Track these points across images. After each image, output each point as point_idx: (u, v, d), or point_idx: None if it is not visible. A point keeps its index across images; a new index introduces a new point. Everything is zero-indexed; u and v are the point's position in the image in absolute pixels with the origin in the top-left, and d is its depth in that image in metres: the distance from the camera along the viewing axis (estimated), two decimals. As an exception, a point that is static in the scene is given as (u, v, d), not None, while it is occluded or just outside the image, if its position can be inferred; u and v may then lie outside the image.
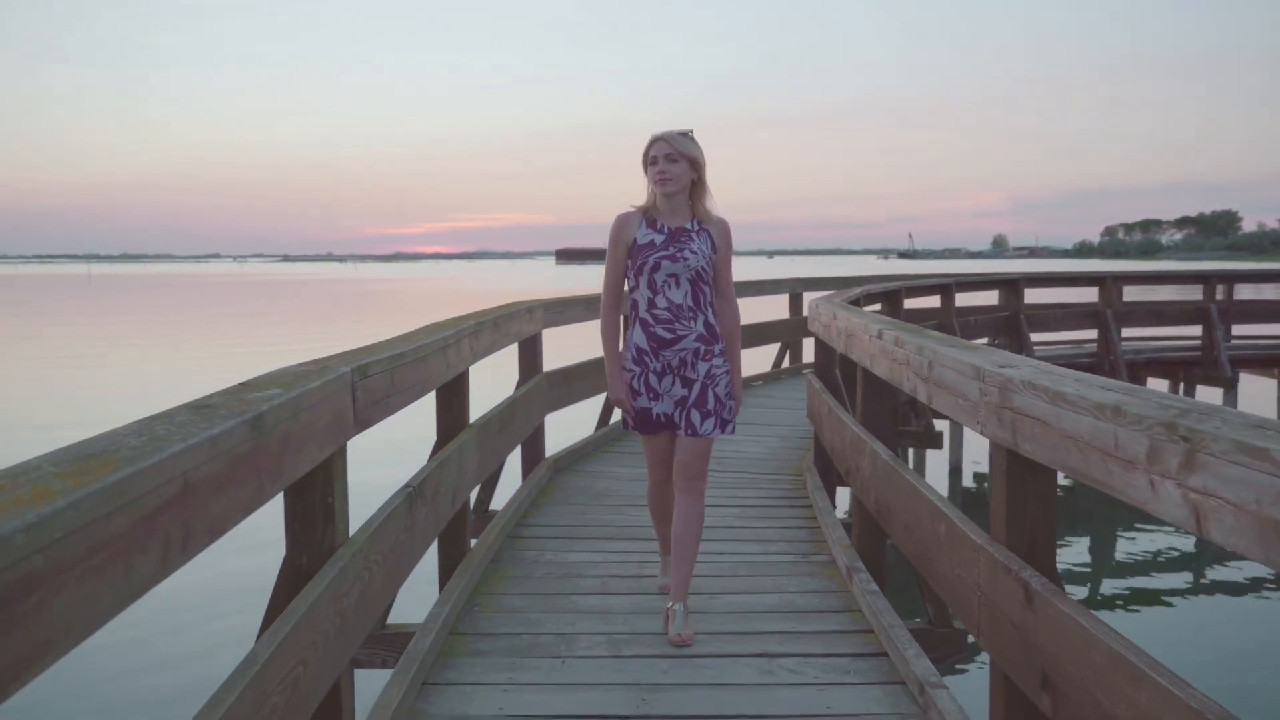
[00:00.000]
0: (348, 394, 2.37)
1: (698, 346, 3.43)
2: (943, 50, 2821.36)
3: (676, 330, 3.42)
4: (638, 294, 3.47)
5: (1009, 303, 12.08)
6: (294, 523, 2.26)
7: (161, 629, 6.53)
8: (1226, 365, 12.59)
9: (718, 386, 3.46)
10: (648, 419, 3.49)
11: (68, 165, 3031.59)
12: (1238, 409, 9.43)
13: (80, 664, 5.31)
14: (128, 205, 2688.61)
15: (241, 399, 1.89)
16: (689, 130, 3.41)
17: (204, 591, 6.91)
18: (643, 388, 3.47)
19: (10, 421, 14.76)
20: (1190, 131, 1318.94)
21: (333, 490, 2.31)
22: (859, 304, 6.41)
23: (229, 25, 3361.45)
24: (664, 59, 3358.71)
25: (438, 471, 3.34)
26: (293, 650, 1.90)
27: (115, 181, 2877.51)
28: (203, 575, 5.82)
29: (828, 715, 2.86)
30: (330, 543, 2.30)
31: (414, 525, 2.97)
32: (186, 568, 1.57)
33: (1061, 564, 8.28)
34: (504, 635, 3.46)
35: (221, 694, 1.64)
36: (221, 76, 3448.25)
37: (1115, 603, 7.86)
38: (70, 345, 28.57)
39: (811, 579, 4.12)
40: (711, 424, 3.45)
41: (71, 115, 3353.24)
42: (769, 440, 7.23)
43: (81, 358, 24.38)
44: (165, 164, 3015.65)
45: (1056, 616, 2.03)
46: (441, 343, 3.37)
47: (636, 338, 3.47)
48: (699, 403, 3.44)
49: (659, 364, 3.45)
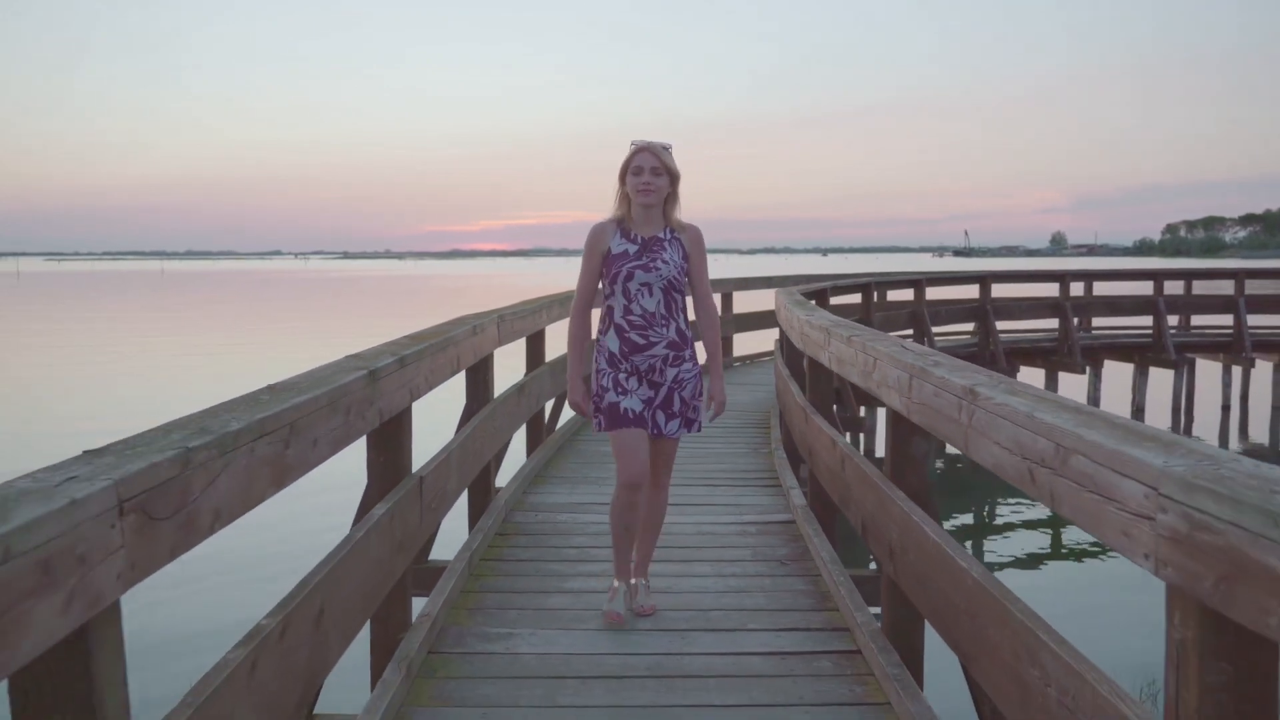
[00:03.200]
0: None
1: (667, 354, 3.53)
2: (1001, 44, 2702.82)
3: (649, 337, 3.51)
4: (613, 300, 3.55)
5: (981, 296, 14.23)
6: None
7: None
8: (1172, 349, 14.63)
9: (684, 390, 3.58)
10: (616, 413, 3.54)
11: (133, 164, 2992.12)
12: (1145, 390, 11.99)
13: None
14: (191, 204, 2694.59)
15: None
16: (669, 145, 3.53)
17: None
18: (611, 384, 3.56)
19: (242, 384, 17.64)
20: (1259, 126, 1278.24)
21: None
22: (811, 299, 8.73)
23: (286, 24, 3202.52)
24: (711, 56, 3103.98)
25: (472, 435, 4.46)
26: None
27: (178, 180, 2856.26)
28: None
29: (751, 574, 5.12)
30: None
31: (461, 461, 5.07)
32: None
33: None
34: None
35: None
36: (277, 76, 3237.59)
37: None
38: (232, 329, 32.76)
39: (757, 458, 6.49)
40: (676, 424, 3.59)
41: (134, 115, 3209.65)
42: (756, 391, 9.72)
43: (243, 341, 28.36)
44: (226, 163, 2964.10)
45: (890, 504, 3.13)
46: (470, 330, 4.43)
47: (610, 341, 3.57)
48: (664, 405, 3.56)
49: (628, 366, 3.54)
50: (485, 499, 5.12)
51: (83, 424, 14.17)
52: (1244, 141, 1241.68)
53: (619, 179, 3.52)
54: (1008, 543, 10.02)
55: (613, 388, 3.54)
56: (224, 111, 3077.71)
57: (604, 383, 3.57)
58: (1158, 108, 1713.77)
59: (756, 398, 9.50)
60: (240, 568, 7.63)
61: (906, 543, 2.98)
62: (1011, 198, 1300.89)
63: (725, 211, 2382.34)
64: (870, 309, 12.18)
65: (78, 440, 1.99)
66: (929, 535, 2.76)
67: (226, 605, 6.70)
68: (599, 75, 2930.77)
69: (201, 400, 2.37)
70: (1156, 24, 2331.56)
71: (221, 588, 7.36)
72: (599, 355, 3.62)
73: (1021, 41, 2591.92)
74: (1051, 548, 9.87)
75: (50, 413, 16.27)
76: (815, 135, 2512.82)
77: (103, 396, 17.94)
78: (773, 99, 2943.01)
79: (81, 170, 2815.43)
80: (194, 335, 31.06)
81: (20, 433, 14.47)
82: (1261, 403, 15.79)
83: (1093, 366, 14.97)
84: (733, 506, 5.42)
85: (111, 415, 15.19)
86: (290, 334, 31.21)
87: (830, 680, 3.17)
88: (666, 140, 3.52)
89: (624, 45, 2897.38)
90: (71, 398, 17.94)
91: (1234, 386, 15.78)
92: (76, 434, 11.43)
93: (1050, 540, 10.02)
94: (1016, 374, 14.67)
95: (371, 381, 2.92)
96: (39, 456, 1.96)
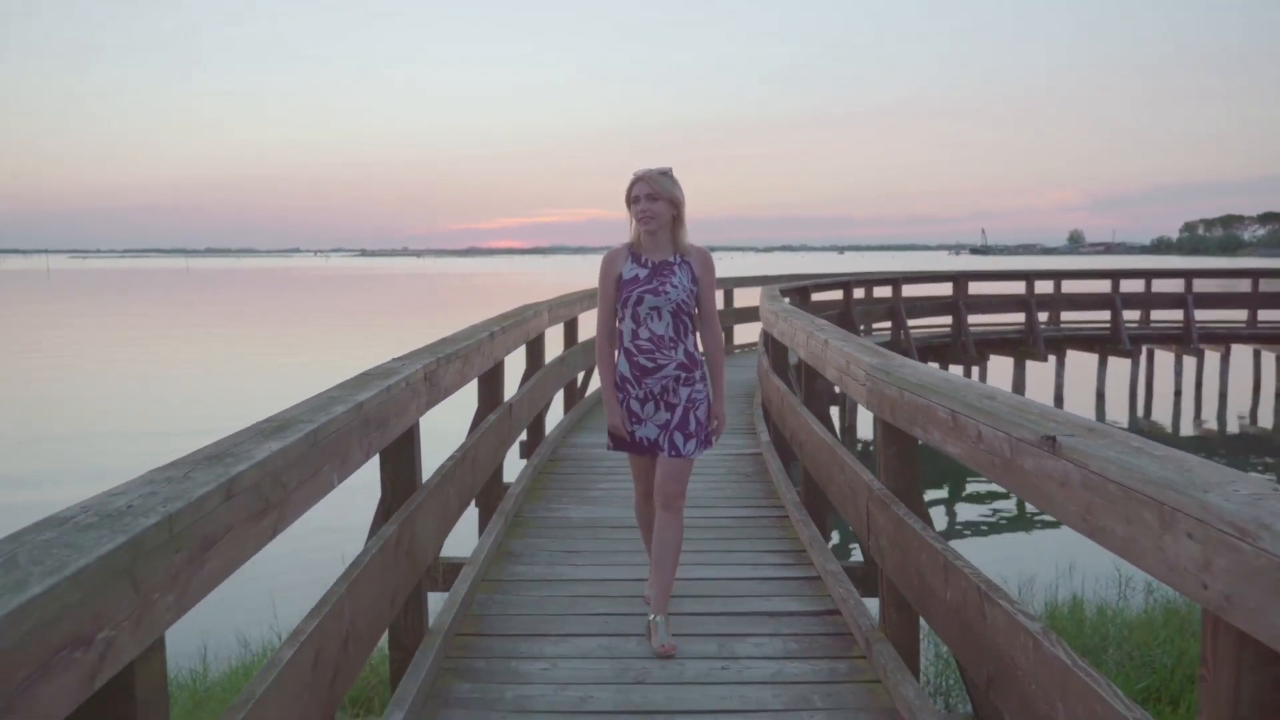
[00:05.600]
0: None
1: (678, 374, 3.59)
2: (1020, 42, 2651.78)
3: (658, 360, 3.58)
4: (623, 325, 3.63)
5: (955, 292, 16.12)
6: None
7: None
8: (1126, 340, 16.50)
9: (698, 410, 3.64)
10: (630, 440, 3.67)
11: (152, 163, 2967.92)
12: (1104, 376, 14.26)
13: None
14: (209, 202, 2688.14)
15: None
16: (668, 169, 3.57)
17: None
18: (625, 413, 3.66)
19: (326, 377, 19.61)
20: (1278, 124, 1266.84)
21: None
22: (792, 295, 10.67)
23: (304, 24, 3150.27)
24: (726, 54, 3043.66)
25: (525, 398, 7.61)
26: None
27: (197, 179, 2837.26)
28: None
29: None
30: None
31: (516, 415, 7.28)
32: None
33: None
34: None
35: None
36: (292, 76, 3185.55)
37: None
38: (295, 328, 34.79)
39: (742, 418, 8.44)
40: (694, 445, 3.63)
41: (153, 114, 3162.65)
42: (748, 371, 11.68)
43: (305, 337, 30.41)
44: (243, 162, 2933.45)
45: (796, 414, 6.26)
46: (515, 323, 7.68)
47: (621, 366, 3.64)
48: (681, 425, 3.61)
49: (641, 390, 3.61)
50: (539, 436, 7.16)
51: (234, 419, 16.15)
52: (1263, 140, 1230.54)
53: (626, 206, 3.62)
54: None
55: (628, 418, 3.65)
56: (241, 110, 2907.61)
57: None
58: (1178, 106, 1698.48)
59: (748, 376, 11.47)
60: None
61: (803, 437, 4.97)
62: (1031, 196, 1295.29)
63: (742, 210, 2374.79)
64: (850, 304, 14.09)
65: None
66: (815, 432, 4.72)
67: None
68: (614, 74, 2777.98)
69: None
70: (1175, 22, 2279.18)
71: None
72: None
73: (1040, 40, 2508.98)
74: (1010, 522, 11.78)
75: (207, 411, 16.06)
76: (832, 134, 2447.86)
77: (225, 396, 18.14)
78: (791, 97, 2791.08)
79: (101, 170, 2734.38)
80: (273, 333, 33.08)
81: (203, 427, 16.58)
82: (1211, 390, 17.63)
83: (1057, 356, 16.83)
84: (720, 445, 7.38)
85: (251, 410, 17.29)
86: (370, 327, 33.60)
87: (768, 541, 5.14)
88: (665, 164, 3.69)
89: (639, 44, 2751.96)
90: (205, 396, 18.29)
91: (1186, 375, 17.64)
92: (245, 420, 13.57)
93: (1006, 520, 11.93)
94: (986, 362, 16.60)
95: (490, 340, 4.91)
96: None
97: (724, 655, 3.53)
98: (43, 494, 10.17)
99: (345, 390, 2.86)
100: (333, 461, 2.39)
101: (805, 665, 3.46)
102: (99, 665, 1.29)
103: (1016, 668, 2.17)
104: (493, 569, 4.49)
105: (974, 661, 2.46)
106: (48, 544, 1.30)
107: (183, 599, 1.56)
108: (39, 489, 11.09)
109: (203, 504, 1.63)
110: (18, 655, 1.12)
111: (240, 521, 1.76)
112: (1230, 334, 17.30)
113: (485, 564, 4.44)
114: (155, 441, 12.09)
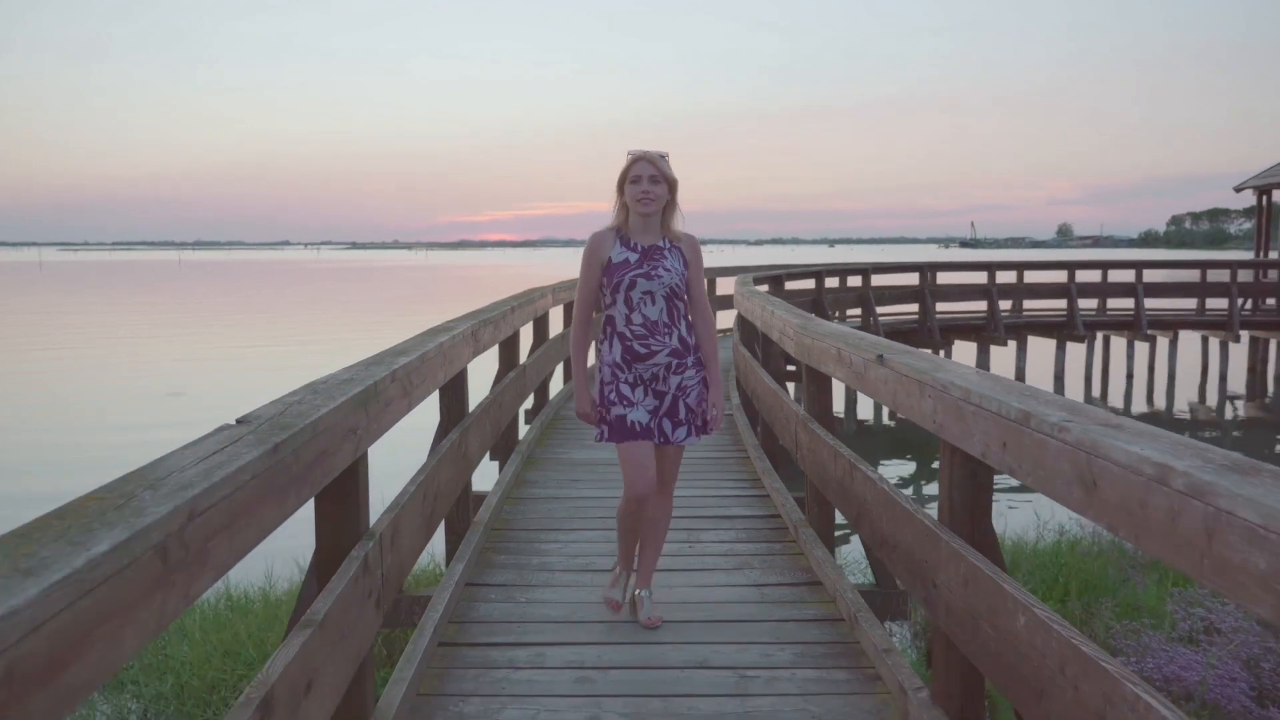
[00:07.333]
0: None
1: (670, 361, 3.55)
2: (1011, 36, 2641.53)
3: (651, 345, 3.52)
4: (615, 310, 3.57)
5: (921, 282, 17.38)
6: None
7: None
8: (1081, 326, 17.83)
9: (688, 398, 3.60)
10: (622, 426, 3.56)
11: (139, 156, 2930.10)
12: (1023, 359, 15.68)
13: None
14: (196, 195, 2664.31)
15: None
16: (665, 153, 3.50)
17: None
18: (616, 397, 3.57)
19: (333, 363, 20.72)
20: (1266, 119, 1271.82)
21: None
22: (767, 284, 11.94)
23: (295, 17, 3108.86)
24: (720, 49, 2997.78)
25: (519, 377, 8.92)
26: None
27: (183, 172, 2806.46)
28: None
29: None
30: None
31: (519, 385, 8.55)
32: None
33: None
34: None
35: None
36: (283, 70, 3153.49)
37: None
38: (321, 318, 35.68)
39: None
40: (684, 431, 3.61)
41: (139, 108, 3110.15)
42: (725, 351, 12.92)
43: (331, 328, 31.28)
44: (230, 154, 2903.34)
45: (756, 376, 7.56)
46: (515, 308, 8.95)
47: (613, 351, 3.58)
48: (670, 413, 3.59)
49: (631, 375, 3.56)
50: (544, 399, 8.44)
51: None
52: (1251, 134, 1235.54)
53: (617, 189, 3.53)
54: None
55: (618, 400, 3.56)
56: (229, 104, 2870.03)
57: (609, 395, 3.58)
58: (1166, 100, 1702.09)
59: (724, 355, 12.76)
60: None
61: (759, 390, 6.24)
62: (1022, 190, 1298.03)
63: (734, 203, 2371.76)
64: (822, 292, 15.40)
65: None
66: (765, 383, 5.99)
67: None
68: (608, 67, 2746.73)
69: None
70: (1165, 17, 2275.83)
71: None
72: (602, 366, 3.64)
73: (1031, 34, 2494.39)
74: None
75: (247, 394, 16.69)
76: (824, 127, 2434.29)
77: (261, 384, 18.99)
78: (783, 91, 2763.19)
79: (88, 163, 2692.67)
80: (285, 323, 33.63)
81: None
82: (1162, 373, 18.97)
83: (1018, 341, 18.13)
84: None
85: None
86: (374, 317, 34.51)
87: (732, 473, 6.40)
88: (663, 149, 3.53)
89: (634, 37, 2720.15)
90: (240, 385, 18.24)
91: (1138, 359, 18.99)
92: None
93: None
94: (951, 346, 17.89)
95: (511, 313, 6.17)
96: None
97: (691, 541, 4.80)
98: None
99: (424, 337, 4.12)
100: (435, 376, 3.78)
101: (749, 545, 4.75)
102: (357, 446, 2.59)
103: (868, 504, 3.44)
104: (514, 491, 5.76)
105: (846, 508, 3.75)
106: (311, 401, 2.58)
107: (381, 421, 2.92)
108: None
109: (388, 381, 2.98)
110: (323, 439, 2.36)
111: (397, 396, 3.06)
112: (1178, 320, 18.65)
113: (509, 486, 5.71)
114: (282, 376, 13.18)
